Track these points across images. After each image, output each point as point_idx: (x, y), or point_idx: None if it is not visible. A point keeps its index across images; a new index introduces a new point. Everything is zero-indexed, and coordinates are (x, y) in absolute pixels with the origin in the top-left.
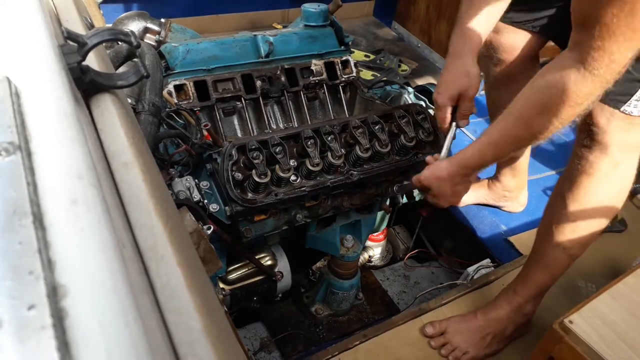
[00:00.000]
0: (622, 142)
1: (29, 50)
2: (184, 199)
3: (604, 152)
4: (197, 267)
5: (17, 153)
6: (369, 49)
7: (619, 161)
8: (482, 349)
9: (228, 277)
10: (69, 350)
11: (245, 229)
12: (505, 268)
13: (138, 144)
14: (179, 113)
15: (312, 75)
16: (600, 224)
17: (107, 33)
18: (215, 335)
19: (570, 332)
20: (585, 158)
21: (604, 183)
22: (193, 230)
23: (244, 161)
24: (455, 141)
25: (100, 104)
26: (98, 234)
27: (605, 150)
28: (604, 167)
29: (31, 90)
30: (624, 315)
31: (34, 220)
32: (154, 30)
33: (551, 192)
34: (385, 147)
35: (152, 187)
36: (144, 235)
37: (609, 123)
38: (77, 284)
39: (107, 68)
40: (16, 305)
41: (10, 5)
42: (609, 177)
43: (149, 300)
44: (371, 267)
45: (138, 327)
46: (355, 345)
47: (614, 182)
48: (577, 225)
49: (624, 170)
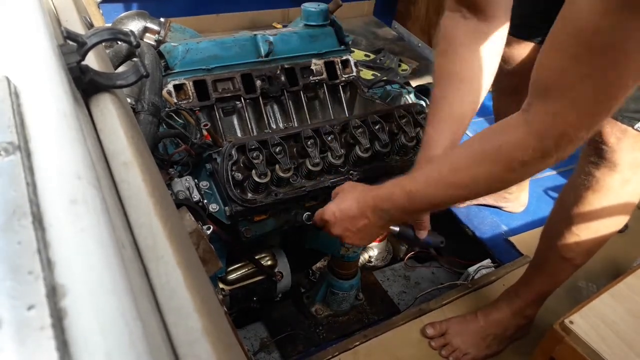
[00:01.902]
0: (632, 160)
1: (29, 50)
2: (184, 199)
3: (613, 170)
4: (197, 267)
5: (17, 153)
6: (369, 48)
7: (628, 178)
8: (482, 350)
9: (228, 277)
10: (68, 350)
11: (245, 229)
12: (506, 268)
13: (137, 144)
14: (179, 113)
15: (312, 75)
16: (606, 235)
17: (106, 33)
18: (215, 336)
19: (570, 333)
20: (592, 175)
21: (612, 199)
22: (192, 231)
23: (244, 161)
24: None
25: (100, 104)
26: (97, 234)
27: (614, 168)
28: (612, 183)
29: (30, 90)
30: (624, 315)
31: (34, 220)
32: (153, 29)
33: (551, 192)
34: (385, 147)
35: (152, 187)
36: (143, 235)
37: (619, 142)
38: (77, 284)
39: (107, 68)
40: (16, 305)
41: (9, 4)
42: (618, 193)
43: (148, 300)
44: (371, 267)
45: (137, 327)
46: (356, 346)
47: (622, 198)
48: (582, 238)
49: (633, 187)
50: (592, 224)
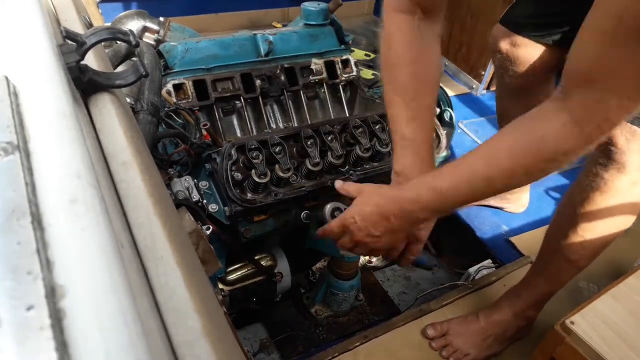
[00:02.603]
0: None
1: (28, 50)
2: (183, 199)
3: (621, 172)
4: (196, 268)
5: (16, 153)
6: (369, 47)
7: (636, 180)
8: (483, 351)
9: (227, 277)
10: (67, 350)
11: (244, 229)
12: (507, 269)
13: (137, 144)
14: (178, 112)
15: (312, 75)
16: (611, 237)
17: (105, 32)
18: (215, 336)
19: (571, 333)
20: (600, 176)
21: (619, 200)
22: (192, 231)
23: (244, 161)
24: (455, 142)
25: (99, 104)
26: (97, 234)
27: (622, 169)
28: (620, 185)
29: (30, 90)
30: (625, 316)
31: (33, 220)
32: (152, 29)
33: (552, 192)
34: (385, 147)
35: (151, 186)
36: (142, 235)
37: (628, 143)
38: (76, 284)
39: (106, 67)
40: (15, 305)
41: (9, 4)
42: (626, 195)
43: (147, 300)
44: (371, 267)
45: (137, 327)
46: (356, 347)
47: (630, 200)
48: (587, 240)
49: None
50: (598, 226)
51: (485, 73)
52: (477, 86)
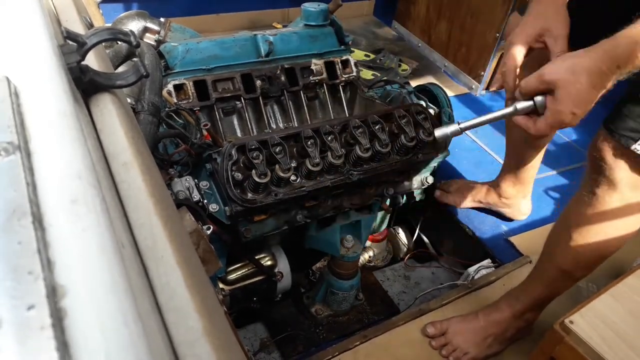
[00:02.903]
0: (632, 181)
1: (29, 50)
2: (184, 199)
3: (612, 188)
4: (197, 267)
5: (17, 153)
6: (369, 48)
7: (628, 199)
8: (483, 350)
9: (228, 277)
10: (68, 350)
11: (245, 229)
12: (506, 268)
13: (137, 144)
14: (179, 113)
15: (312, 75)
16: (607, 252)
17: (106, 32)
18: (215, 336)
19: (570, 333)
20: (593, 192)
21: (610, 217)
22: (192, 231)
23: (244, 161)
24: (455, 142)
25: (100, 104)
26: (97, 234)
27: (613, 186)
28: (611, 201)
29: (30, 90)
30: (624, 315)
31: (34, 220)
32: (153, 29)
33: (552, 192)
34: (385, 147)
35: (152, 187)
36: (143, 235)
37: (615, 160)
38: (77, 284)
39: (107, 68)
40: (16, 305)
41: (9, 4)
42: (616, 212)
43: (148, 300)
44: (371, 267)
45: (137, 327)
46: (356, 346)
47: (622, 217)
48: (580, 253)
49: (633, 209)
50: (591, 241)
51: (485, 73)
52: (477, 86)
